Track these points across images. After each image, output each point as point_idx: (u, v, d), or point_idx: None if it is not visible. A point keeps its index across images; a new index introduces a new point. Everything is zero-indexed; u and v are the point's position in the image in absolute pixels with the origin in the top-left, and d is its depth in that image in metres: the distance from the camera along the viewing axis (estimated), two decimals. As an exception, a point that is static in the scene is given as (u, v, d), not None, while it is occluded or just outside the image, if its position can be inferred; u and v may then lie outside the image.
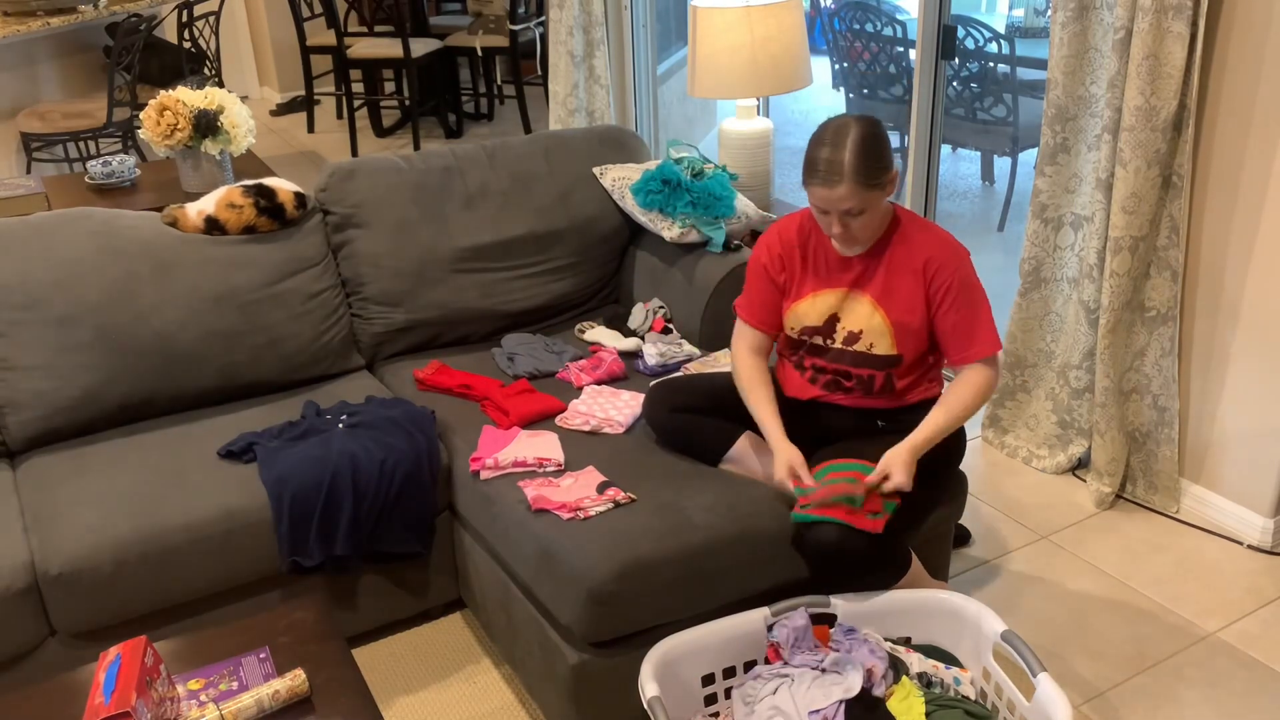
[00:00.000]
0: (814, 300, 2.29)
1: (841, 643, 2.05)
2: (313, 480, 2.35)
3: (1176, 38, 2.57)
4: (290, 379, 2.82)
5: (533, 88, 6.97)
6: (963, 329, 2.19)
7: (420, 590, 2.60)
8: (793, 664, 2.02)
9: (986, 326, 2.19)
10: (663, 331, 2.93)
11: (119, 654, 1.69)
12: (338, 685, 1.84)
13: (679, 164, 3.06)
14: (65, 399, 2.56)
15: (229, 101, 3.50)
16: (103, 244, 2.64)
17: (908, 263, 2.20)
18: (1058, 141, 2.92)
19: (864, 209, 2.11)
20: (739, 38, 3.25)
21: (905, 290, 2.20)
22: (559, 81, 4.76)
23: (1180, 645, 2.54)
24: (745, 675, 2.07)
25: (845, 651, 2.02)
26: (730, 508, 2.23)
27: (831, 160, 2.07)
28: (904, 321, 2.21)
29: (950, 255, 2.19)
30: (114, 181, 3.77)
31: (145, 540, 2.24)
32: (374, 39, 6.59)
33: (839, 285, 2.27)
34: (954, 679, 2.07)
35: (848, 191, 2.07)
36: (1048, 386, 3.19)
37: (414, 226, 2.94)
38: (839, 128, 2.09)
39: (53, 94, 5.45)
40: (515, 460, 2.40)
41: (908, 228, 2.22)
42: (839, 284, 2.26)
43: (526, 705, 2.42)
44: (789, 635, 2.05)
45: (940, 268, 2.18)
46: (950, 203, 5.46)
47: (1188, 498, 2.99)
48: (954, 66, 5.03)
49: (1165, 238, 2.80)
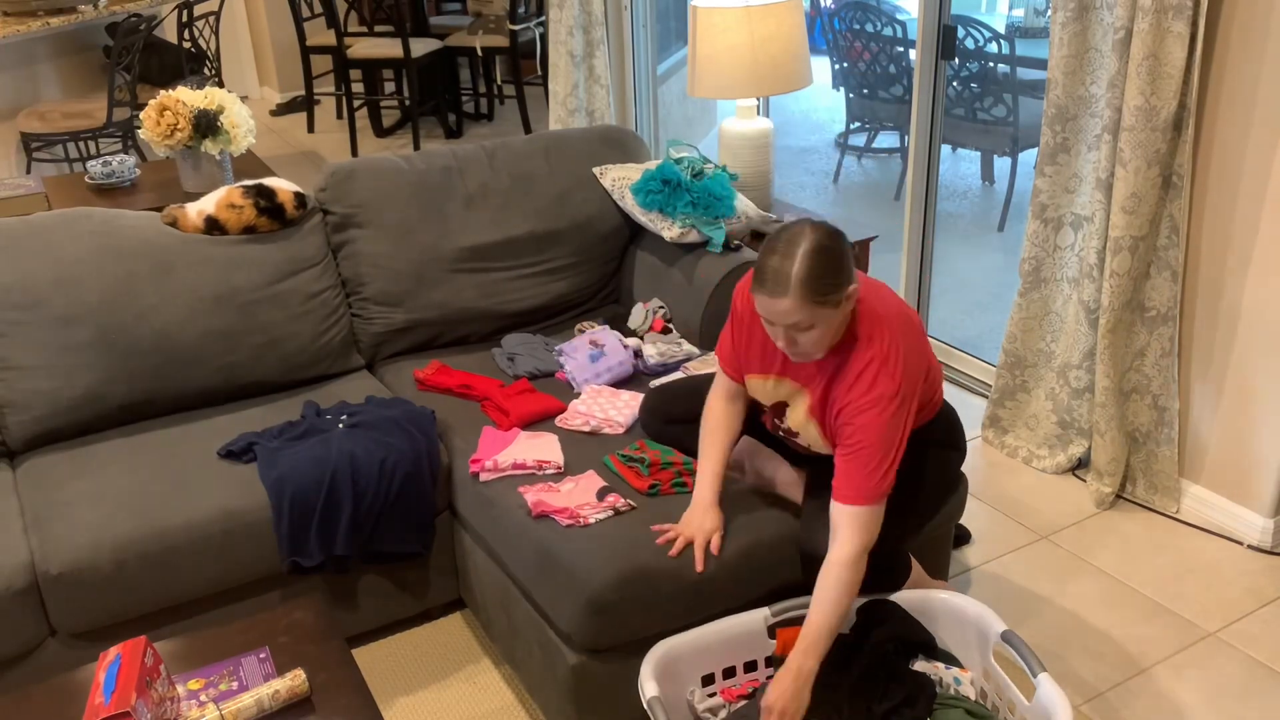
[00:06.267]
0: (765, 382, 2.15)
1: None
2: (313, 480, 2.35)
3: (1176, 38, 2.57)
4: (290, 379, 2.82)
5: (533, 88, 6.97)
6: (843, 472, 1.98)
7: (420, 590, 2.60)
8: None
9: (868, 480, 1.95)
10: (662, 331, 2.93)
11: (119, 654, 1.69)
12: (338, 685, 1.84)
13: (679, 164, 3.06)
14: (65, 399, 2.56)
15: (229, 101, 3.50)
16: (103, 244, 2.64)
17: (840, 389, 2.00)
18: (1058, 141, 2.92)
19: (812, 325, 1.91)
20: (739, 38, 3.25)
21: (830, 416, 2.05)
22: (559, 81, 4.76)
23: (1180, 645, 2.54)
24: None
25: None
26: (730, 513, 2.23)
27: (779, 270, 1.87)
28: (834, 439, 2.07)
29: (865, 401, 1.96)
30: (114, 181, 3.77)
31: (145, 540, 2.24)
32: (374, 39, 6.59)
33: (793, 379, 2.10)
34: (954, 679, 2.07)
35: (792, 305, 1.88)
36: (1048, 386, 3.19)
37: (414, 226, 2.94)
38: (792, 236, 1.90)
39: (53, 94, 5.45)
40: (515, 462, 2.40)
41: (859, 339, 2.00)
42: (794, 377, 2.10)
43: (526, 705, 2.42)
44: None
45: (847, 413, 1.98)
46: (950, 203, 5.46)
47: (1188, 498, 2.99)
48: (954, 66, 5.03)
49: (1165, 238, 2.80)
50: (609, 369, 2.74)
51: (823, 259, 1.88)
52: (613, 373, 2.74)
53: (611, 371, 2.74)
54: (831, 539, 1.99)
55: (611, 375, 2.73)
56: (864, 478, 1.95)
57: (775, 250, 1.90)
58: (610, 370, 2.74)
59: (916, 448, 2.23)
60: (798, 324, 1.91)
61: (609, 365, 2.74)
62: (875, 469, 1.96)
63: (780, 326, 1.94)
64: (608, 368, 2.74)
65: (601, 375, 2.73)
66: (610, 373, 2.73)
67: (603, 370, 2.73)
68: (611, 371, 2.74)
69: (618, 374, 2.74)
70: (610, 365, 2.74)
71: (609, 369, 2.74)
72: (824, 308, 1.90)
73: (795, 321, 1.91)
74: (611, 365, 2.74)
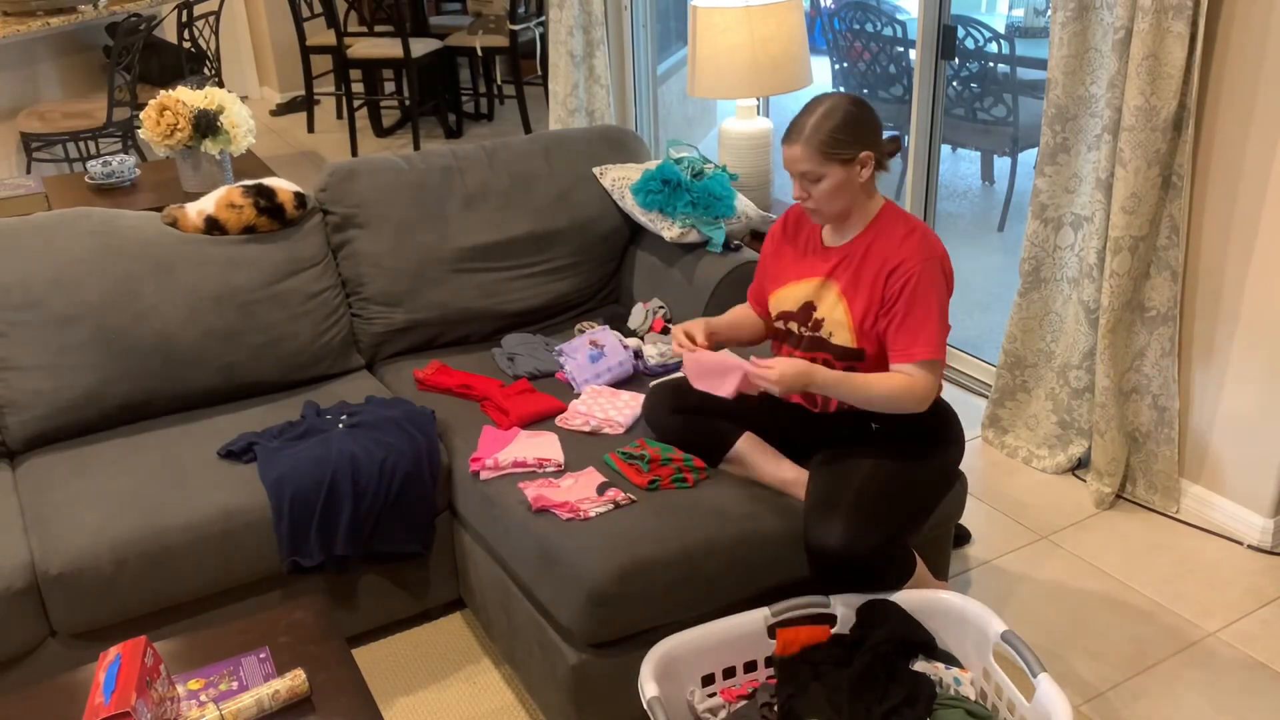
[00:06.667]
0: (793, 288, 2.31)
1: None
2: (312, 480, 2.35)
3: (1176, 38, 2.57)
4: (290, 379, 2.82)
5: (533, 88, 6.97)
6: (903, 327, 2.14)
7: (420, 590, 2.60)
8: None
9: (929, 330, 2.12)
10: (662, 331, 2.93)
11: (119, 654, 1.69)
12: (338, 685, 1.84)
13: (679, 164, 3.06)
14: (65, 399, 2.56)
15: (229, 101, 3.50)
16: (103, 244, 2.64)
17: (879, 262, 2.17)
18: (1058, 141, 2.92)
19: (821, 176, 2.12)
20: (739, 38, 3.25)
21: (869, 289, 2.18)
22: (559, 81, 4.76)
23: (1180, 645, 2.54)
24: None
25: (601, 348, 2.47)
26: (730, 509, 2.23)
27: (798, 121, 2.13)
28: (863, 320, 2.19)
29: (917, 260, 2.13)
30: (114, 181, 3.77)
31: (145, 540, 2.24)
32: (374, 39, 6.59)
33: (816, 274, 2.27)
34: (954, 679, 2.07)
35: (802, 153, 2.11)
36: (1048, 386, 3.19)
37: (414, 226, 2.94)
38: (823, 97, 2.14)
39: (53, 94, 5.45)
40: (515, 461, 2.40)
41: (891, 224, 2.20)
42: (817, 272, 2.27)
43: (526, 705, 2.42)
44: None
45: (900, 271, 2.14)
46: (950, 203, 5.46)
47: (1188, 498, 2.99)
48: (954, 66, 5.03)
49: (1165, 238, 2.80)
50: (609, 369, 2.74)
51: (837, 117, 2.11)
52: (613, 373, 2.74)
53: (611, 372, 2.74)
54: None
55: (611, 375, 2.73)
56: (931, 328, 2.12)
57: (806, 108, 2.15)
58: (610, 370, 2.74)
59: (914, 443, 2.24)
60: (807, 173, 2.13)
61: (609, 365, 2.74)
62: (937, 321, 2.13)
63: (795, 175, 2.16)
64: (608, 368, 2.74)
65: (601, 375, 2.73)
66: (610, 373, 2.73)
67: (603, 370, 2.73)
68: (611, 372, 2.74)
69: (618, 374, 2.74)
70: (610, 365, 2.74)
71: (609, 369, 2.74)
72: (831, 162, 2.11)
73: (805, 170, 2.13)
74: (611, 365, 2.74)
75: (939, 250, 2.17)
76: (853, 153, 2.12)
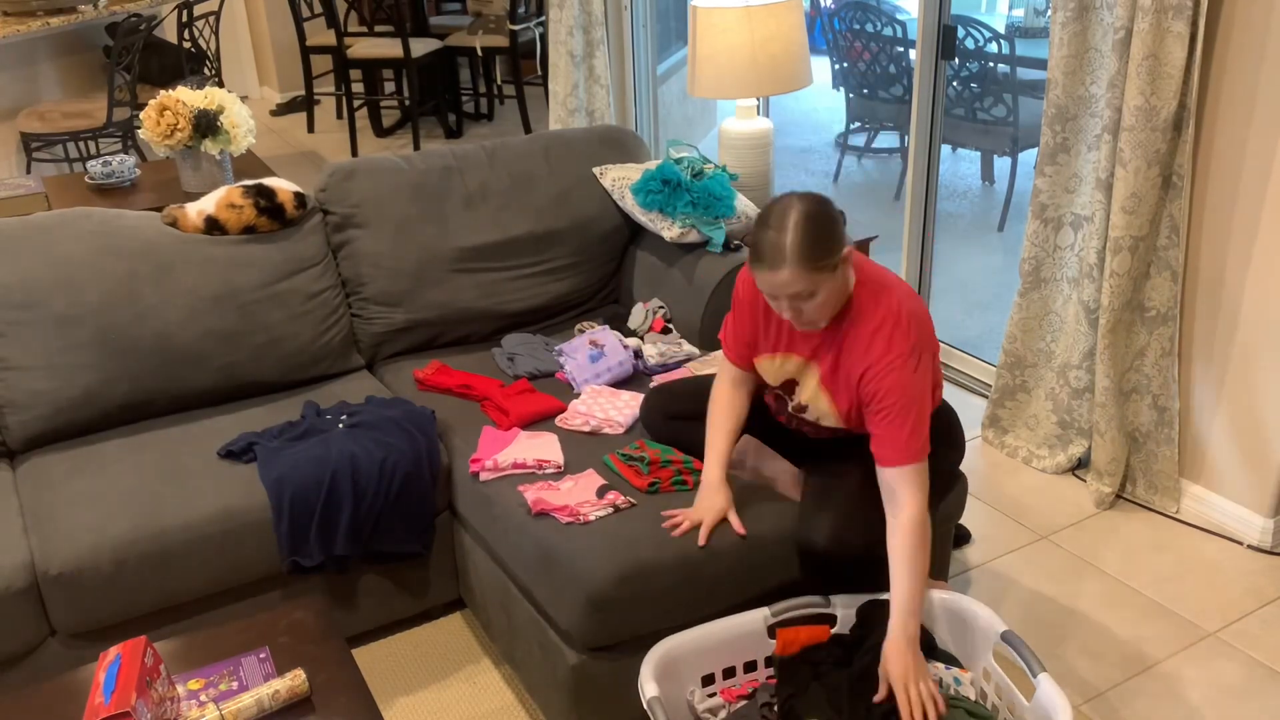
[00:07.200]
0: (772, 361, 2.20)
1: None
2: (312, 480, 2.35)
3: (1176, 38, 2.57)
4: (290, 379, 2.82)
5: (533, 88, 6.97)
6: (884, 435, 2.02)
7: (420, 590, 2.60)
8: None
9: (903, 436, 2.00)
10: (662, 331, 2.93)
11: (119, 654, 1.69)
12: (338, 685, 1.84)
13: (679, 164, 3.06)
14: (65, 399, 2.56)
15: (229, 101, 3.50)
16: (103, 244, 2.64)
17: (852, 359, 2.05)
18: (1058, 141, 2.92)
19: (814, 291, 1.96)
20: (739, 38, 3.25)
21: (846, 388, 2.09)
22: (559, 81, 4.76)
23: (1180, 645, 2.54)
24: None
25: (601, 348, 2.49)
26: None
27: (774, 243, 1.93)
28: (849, 414, 2.12)
29: (883, 365, 2.00)
30: (114, 181, 3.77)
31: (145, 540, 2.24)
32: (374, 39, 6.59)
33: (798, 352, 2.15)
34: (954, 679, 2.07)
35: (791, 276, 1.93)
36: (1048, 386, 3.19)
37: (414, 226, 2.94)
38: (782, 208, 1.95)
39: (53, 94, 5.45)
40: (515, 462, 2.40)
41: (862, 311, 2.05)
42: (798, 350, 2.15)
43: (526, 705, 2.42)
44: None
45: (870, 376, 2.02)
46: (950, 203, 5.46)
47: (1188, 498, 2.99)
48: (954, 66, 5.03)
49: (1165, 238, 2.80)
50: (609, 369, 2.74)
51: (815, 225, 1.93)
52: (613, 373, 2.74)
53: (611, 372, 2.74)
54: (891, 506, 2.03)
55: (611, 375, 2.73)
56: (906, 437, 2.00)
57: (768, 225, 1.96)
58: (610, 370, 2.74)
59: None
60: (800, 293, 1.96)
61: (609, 365, 2.74)
62: (914, 426, 2.00)
63: (784, 299, 1.99)
64: (608, 368, 2.74)
65: (601, 375, 2.73)
66: (610, 373, 2.73)
67: (603, 370, 2.73)
68: (611, 372, 2.74)
69: (618, 374, 2.74)
70: (610, 365, 2.74)
71: (609, 369, 2.74)
72: (822, 273, 1.95)
73: (797, 291, 1.95)
74: (611, 365, 2.74)
75: (911, 339, 2.02)
76: (839, 255, 1.96)
